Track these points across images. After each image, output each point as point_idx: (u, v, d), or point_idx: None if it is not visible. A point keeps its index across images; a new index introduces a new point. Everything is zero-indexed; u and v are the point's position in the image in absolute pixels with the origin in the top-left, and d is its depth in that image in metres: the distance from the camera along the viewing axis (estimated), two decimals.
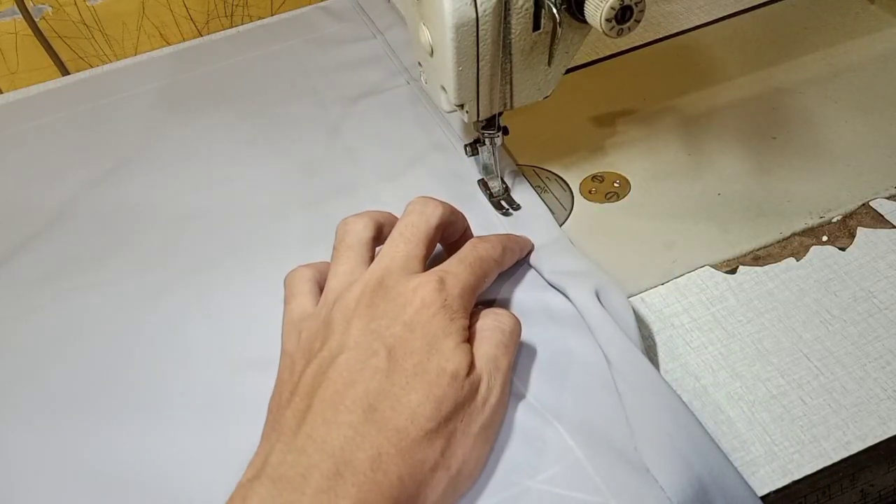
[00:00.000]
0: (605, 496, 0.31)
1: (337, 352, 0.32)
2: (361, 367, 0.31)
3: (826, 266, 0.40)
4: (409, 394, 0.30)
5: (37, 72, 0.68)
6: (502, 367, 0.33)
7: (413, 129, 0.53)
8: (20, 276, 0.47)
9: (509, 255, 0.39)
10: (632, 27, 0.34)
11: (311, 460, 0.28)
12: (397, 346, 0.31)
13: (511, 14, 0.35)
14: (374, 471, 0.28)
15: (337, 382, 0.30)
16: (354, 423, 0.29)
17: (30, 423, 0.39)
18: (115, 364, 0.41)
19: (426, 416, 0.30)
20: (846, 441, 0.33)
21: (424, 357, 0.31)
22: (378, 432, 0.29)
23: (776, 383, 0.36)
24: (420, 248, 0.35)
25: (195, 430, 0.37)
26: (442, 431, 0.30)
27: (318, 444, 0.29)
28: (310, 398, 0.30)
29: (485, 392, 0.32)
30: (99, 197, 0.52)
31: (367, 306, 0.33)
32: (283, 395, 0.32)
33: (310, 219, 0.48)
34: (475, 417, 0.32)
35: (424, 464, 0.30)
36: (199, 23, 0.71)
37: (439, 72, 0.38)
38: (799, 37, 0.55)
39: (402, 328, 0.32)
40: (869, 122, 0.47)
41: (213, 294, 0.44)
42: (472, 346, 0.33)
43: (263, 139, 0.55)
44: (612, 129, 0.50)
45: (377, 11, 0.65)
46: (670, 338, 0.38)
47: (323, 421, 0.29)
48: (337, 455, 0.28)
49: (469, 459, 0.31)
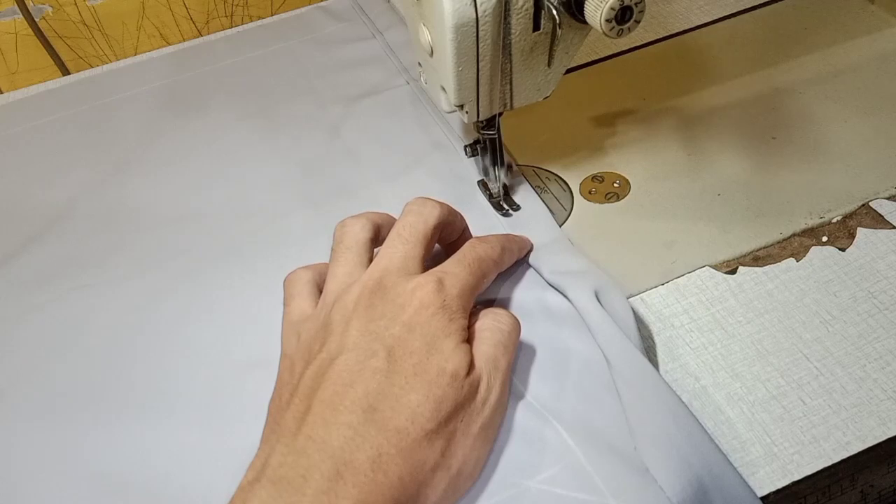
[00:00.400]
0: (604, 496, 0.31)
1: (336, 353, 0.32)
2: (361, 368, 0.31)
3: (826, 266, 0.40)
4: (409, 394, 0.30)
5: (37, 72, 0.68)
6: (502, 366, 0.33)
7: (413, 129, 0.53)
8: (20, 277, 0.47)
9: (508, 256, 0.39)
10: (632, 27, 0.34)
11: (311, 461, 0.28)
12: (396, 347, 0.31)
13: (511, 14, 0.35)
14: (375, 471, 0.28)
15: (336, 383, 0.30)
16: (354, 424, 0.29)
17: (30, 423, 0.39)
18: (115, 364, 0.41)
19: (426, 416, 0.30)
20: (846, 441, 0.33)
21: (424, 357, 0.31)
22: (378, 433, 0.29)
23: (776, 384, 0.36)
24: (418, 248, 0.35)
25: (195, 430, 0.37)
26: (442, 432, 0.30)
27: (318, 445, 0.29)
28: (309, 399, 0.30)
29: (484, 392, 0.32)
30: (99, 197, 0.52)
31: (366, 307, 0.33)
32: (283, 396, 0.32)
33: (310, 219, 0.48)
34: (475, 417, 0.32)
35: (425, 464, 0.30)
36: (199, 23, 0.71)
37: (439, 72, 0.38)
38: (799, 37, 0.55)
39: (402, 329, 0.32)
40: (869, 122, 0.47)
41: (213, 294, 0.44)
42: (471, 346, 0.33)
43: (263, 139, 0.55)
44: (612, 129, 0.50)
45: (376, 11, 0.65)
46: (670, 338, 0.38)
47: (322, 422, 0.29)
48: (337, 456, 0.28)
49: (469, 459, 0.31)
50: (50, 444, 0.38)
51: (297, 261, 0.39)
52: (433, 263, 0.35)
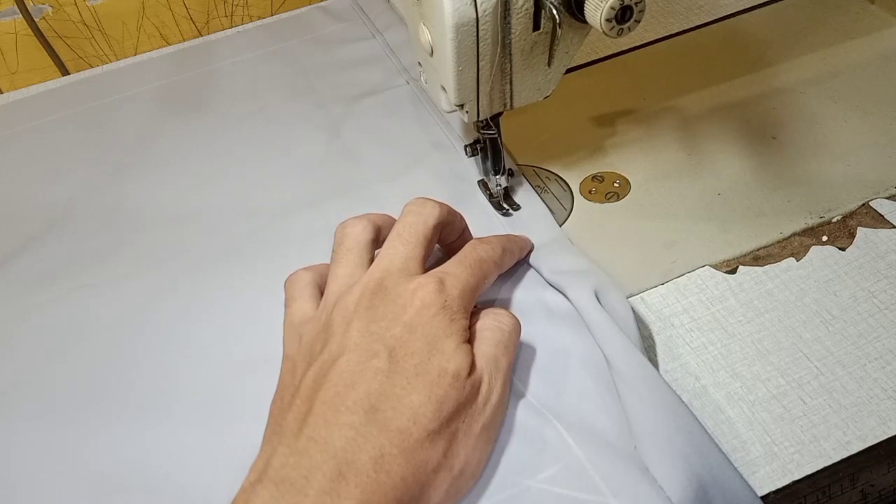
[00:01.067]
0: (604, 496, 0.31)
1: (337, 354, 0.32)
2: (362, 369, 0.31)
3: (826, 266, 0.40)
4: (411, 394, 0.30)
5: (37, 72, 0.68)
6: (503, 366, 0.33)
7: (413, 129, 0.53)
8: (20, 277, 0.47)
9: (508, 257, 0.39)
10: (632, 27, 0.34)
11: (313, 461, 0.28)
12: (398, 348, 0.31)
13: (511, 14, 0.35)
14: (377, 472, 0.28)
15: (338, 384, 0.30)
16: (356, 424, 0.29)
17: (30, 423, 0.39)
18: (115, 364, 0.41)
19: (428, 416, 0.30)
20: (846, 441, 0.33)
21: (425, 358, 0.31)
22: (380, 433, 0.29)
23: (776, 383, 0.36)
24: (418, 249, 0.35)
25: (195, 430, 0.37)
26: (444, 432, 0.30)
27: (320, 446, 0.29)
28: (311, 400, 0.30)
29: (486, 392, 0.32)
30: (99, 197, 0.52)
31: (367, 308, 0.33)
32: (285, 398, 0.32)
33: (310, 219, 0.48)
34: (477, 418, 0.32)
35: (427, 464, 0.30)
36: (199, 23, 0.71)
37: (439, 72, 0.38)
38: (799, 37, 0.55)
39: (403, 329, 0.32)
40: (869, 122, 0.47)
41: (213, 294, 0.44)
42: (472, 346, 0.33)
43: (263, 139, 0.55)
44: (612, 129, 0.50)
45: (376, 11, 0.65)
46: (670, 338, 0.38)
47: (324, 422, 0.29)
48: (339, 456, 0.28)
49: (471, 460, 0.31)
50: (50, 444, 0.38)
51: (297, 260, 0.39)
52: (434, 265, 0.35)
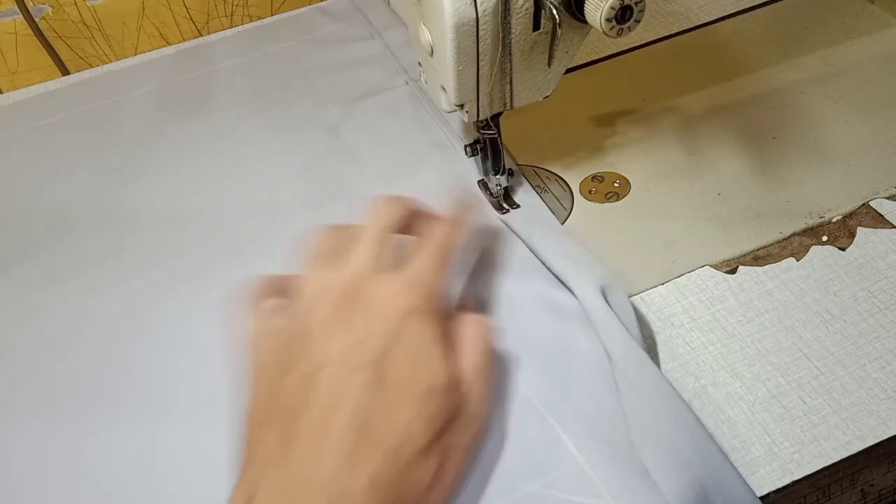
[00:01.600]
0: (605, 499, 0.31)
1: (318, 366, 0.30)
2: (348, 384, 0.29)
3: (826, 266, 0.40)
4: (400, 411, 0.29)
5: (37, 72, 0.68)
6: (488, 376, 0.33)
7: (413, 129, 0.53)
8: (21, 277, 0.47)
9: (463, 231, 0.37)
10: (632, 27, 0.34)
11: (302, 494, 0.27)
12: (382, 360, 0.30)
13: (511, 14, 0.35)
14: (373, 498, 0.27)
15: (322, 402, 0.29)
16: (346, 448, 0.28)
17: (31, 423, 0.39)
18: (115, 365, 0.41)
19: (419, 433, 0.29)
20: (846, 441, 0.33)
21: (411, 371, 0.30)
22: (372, 455, 0.28)
23: (776, 383, 0.35)
24: (386, 248, 0.34)
25: (196, 431, 0.37)
26: (435, 448, 0.30)
27: (309, 475, 0.27)
28: (295, 419, 0.29)
29: (476, 403, 0.32)
30: (99, 197, 0.52)
31: (345, 316, 0.31)
32: (260, 413, 0.31)
33: (310, 218, 0.48)
34: (467, 430, 0.31)
35: (421, 483, 0.29)
36: (199, 23, 0.71)
37: (439, 72, 0.38)
38: (799, 37, 0.55)
39: (386, 340, 0.30)
40: (869, 122, 0.47)
41: (214, 294, 0.44)
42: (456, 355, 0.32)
43: (263, 139, 0.55)
44: (612, 129, 0.50)
45: (375, 12, 0.65)
46: (670, 338, 0.38)
47: (313, 447, 0.28)
48: (331, 485, 0.27)
49: (462, 472, 0.31)
50: (50, 445, 0.38)
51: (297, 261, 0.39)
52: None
